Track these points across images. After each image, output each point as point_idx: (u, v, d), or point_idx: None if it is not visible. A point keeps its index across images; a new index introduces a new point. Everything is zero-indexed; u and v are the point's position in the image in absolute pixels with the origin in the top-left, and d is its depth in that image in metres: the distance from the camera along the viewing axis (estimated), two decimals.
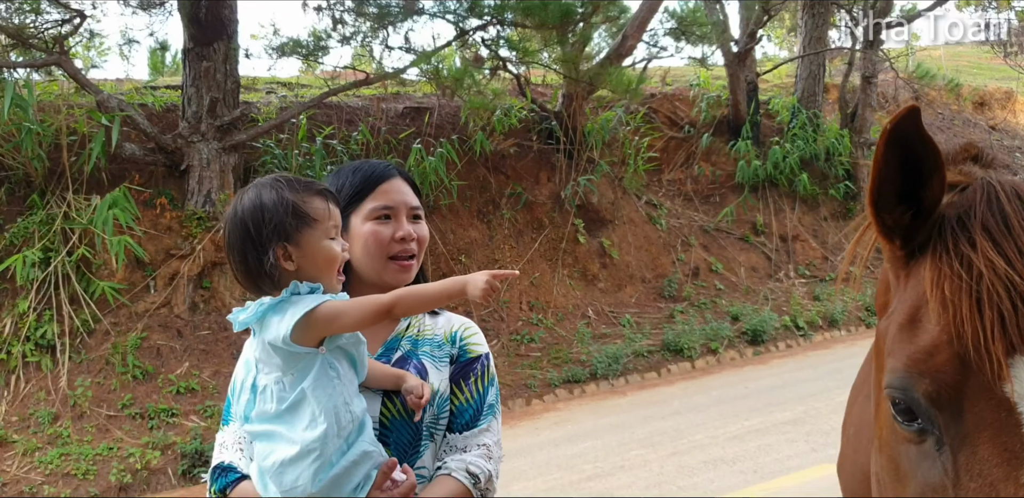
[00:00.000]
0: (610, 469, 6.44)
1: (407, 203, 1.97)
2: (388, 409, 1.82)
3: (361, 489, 1.65)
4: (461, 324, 2.01)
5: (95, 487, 6.84)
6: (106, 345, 8.09)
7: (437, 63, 10.26)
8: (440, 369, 1.91)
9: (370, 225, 1.91)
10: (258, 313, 1.67)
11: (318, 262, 1.71)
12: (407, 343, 1.94)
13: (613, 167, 11.83)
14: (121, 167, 8.89)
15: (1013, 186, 1.32)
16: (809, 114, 13.53)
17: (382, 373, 1.83)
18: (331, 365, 1.67)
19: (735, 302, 11.33)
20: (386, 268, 1.92)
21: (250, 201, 1.72)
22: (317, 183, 1.77)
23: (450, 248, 10.34)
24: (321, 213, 1.71)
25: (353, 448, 1.65)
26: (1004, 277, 1.20)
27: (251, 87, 11.56)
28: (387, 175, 1.97)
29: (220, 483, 1.76)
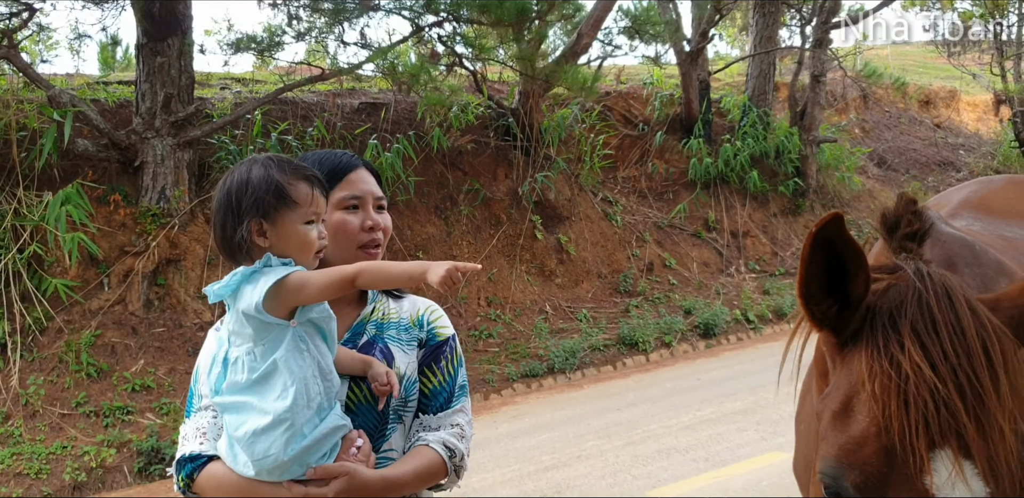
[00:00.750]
0: (566, 460, 6.56)
1: (373, 193, 2.01)
2: (354, 393, 1.86)
3: (328, 457, 1.72)
4: (427, 307, 2.05)
5: (48, 486, 6.78)
6: (59, 343, 8.00)
7: (393, 59, 10.27)
8: (407, 352, 1.95)
9: (339, 214, 1.95)
10: (232, 283, 1.73)
11: (291, 243, 1.76)
12: (372, 327, 1.98)
13: (569, 164, 11.96)
14: (73, 163, 8.78)
15: (944, 283, 1.43)
16: (760, 112, 13.78)
17: (349, 358, 1.88)
18: (302, 338, 1.73)
19: (688, 296, 11.53)
20: (355, 257, 1.94)
21: (239, 174, 1.79)
22: (308, 169, 1.82)
23: (407, 244, 10.38)
24: (303, 197, 1.76)
25: (325, 422, 1.71)
26: (929, 382, 1.30)
27: (205, 83, 11.47)
28: (354, 165, 2.01)
29: (187, 470, 1.79)
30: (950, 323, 1.36)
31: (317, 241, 1.79)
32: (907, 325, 1.37)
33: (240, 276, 1.74)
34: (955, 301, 1.39)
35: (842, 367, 1.47)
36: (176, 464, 1.83)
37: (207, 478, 1.77)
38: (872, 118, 17.81)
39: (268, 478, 1.70)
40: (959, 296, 1.40)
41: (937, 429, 1.29)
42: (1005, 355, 1.34)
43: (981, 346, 1.33)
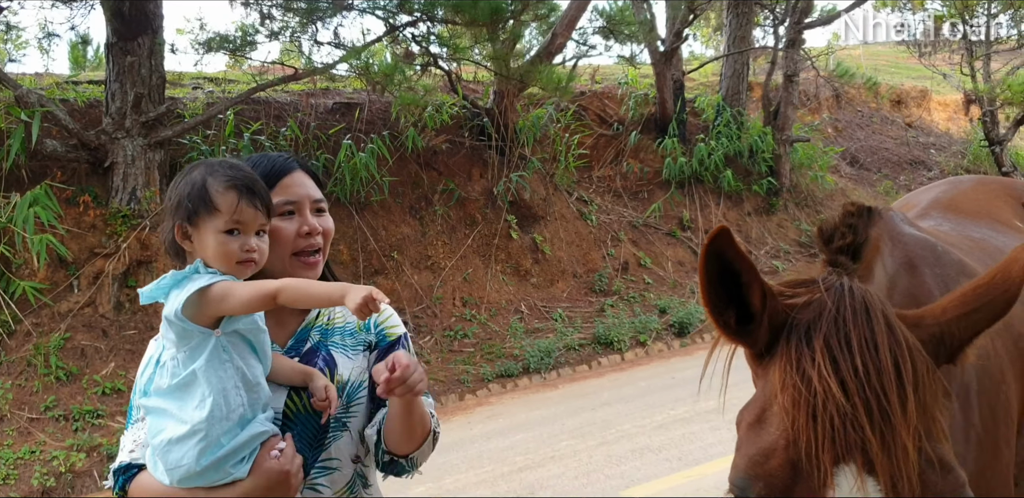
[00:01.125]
0: (540, 460, 6.56)
1: (310, 196, 1.94)
2: (294, 402, 1.83)
3: (246, 461, 1.69)
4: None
5: (16, 491, 6.69)
6: (27, 346, 7.90)
7: (367, 59, 10.23)
8: (352, 357, 1.92)
9: (273, 221, 1.87)
10: (163, 286, 1.72)
11: (207, 251, 1.74)
12: (316, 333, 1.94)
13: (544, 164, 11.96)
14: (42, 164, 8.68)
15: (863, 299, 1.44)
16: (733, 112, 13.85)
17: (290, 369, 1.86)
18: (225, 348, 1.70)
19: (663, 295, 11.57)
20: (291, 265, 1.90)
21: (182, 176, 1.79)
22: (246, 179, 1.77)
23: (382, 244, 10.35)
24: (225, 205, 1.73)
25: (245, 431, 1.70)
26: (837, 398, 1.32)
27: (177, 83, 11.36)
28: (288, 169, 1.94)
29: (120, 481, 1.78)
30: (864, 339, 1.37)
31: (239, 252, 1.74)
32: (820, 340, 1.39)
33: (170, 279, 1.72)
34: (872, 317, 1.40)
35: (760, 379, 1.49)
36: (112, 475, 1.82)
37: (136, 488, 1.75)
38: (844, 118, 17.96)
39: (183, 486, 1.69)
40: (877, 312, 1.41)
41: (843, 444, 1.30)
42: (917, 373, 1.35)
43: (892, 363, 1.34)
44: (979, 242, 2.57)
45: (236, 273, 1.75)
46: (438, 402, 8.72)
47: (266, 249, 1.80)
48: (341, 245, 10.04)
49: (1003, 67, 17.66)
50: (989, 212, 2.93)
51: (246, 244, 1.75)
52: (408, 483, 6.32)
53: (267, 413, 1.76)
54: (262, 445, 1.73)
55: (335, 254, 9.94)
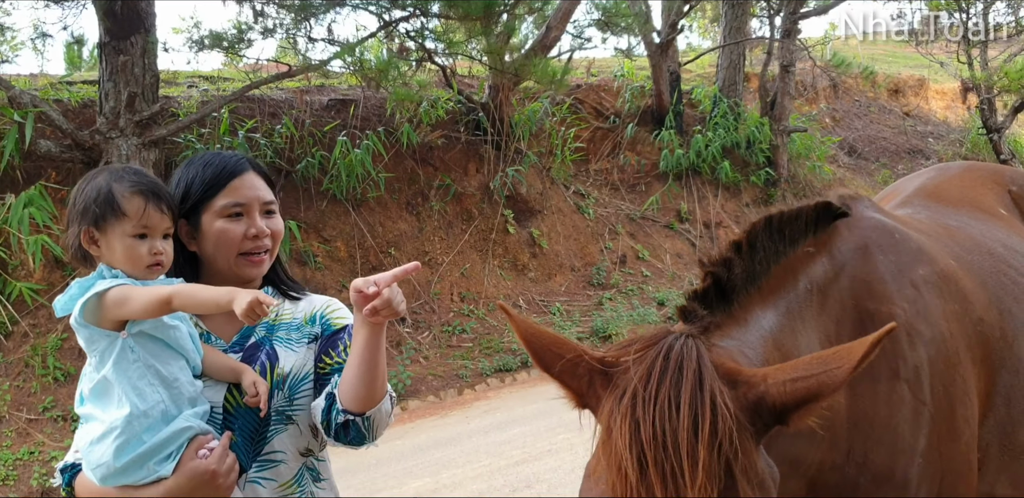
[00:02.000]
0: (537, 453, 6.56)
1: (260, 198, 1.95)
2: (232, 397, 1.85)
3: (171, 459, 1.71)
4: (324, 304, 2.03)
5: (15, 492, 6.71)
6: (25, 347, 7.91)
7: (361, 55, 10.21)
8: (295, 350, 1.93)
9: (221, 223, 1.91)
10: (74, 295, 1.74)
11: (117, 255, 1.77)
12: (262, 329, 1.96)
13: (541, 158, 11.95)
14: (36, 165, 8.67)
15: (683, 358, 1.49)
16: (730, 103, 13.83)
17: (222, 365, 1.88)
18: (132, 348, 1.73)
19: (661, 288, 11.57)
20: (237, 263, 1.93)
21: (85, 181, 1.82)
22: (151, 184, 1.80)
23: (379, 241, 10.34)
24: (133, 211, 1.76)
25: (168, 427, 1.72)
26: (634, 455, 1.40)
27: (171, 81, 11.35)
28: (238, 170, 1.95)
29: (66, 479, 1.83)
30: (668, 399, 1.43)
31: (148, 256, 1.77)
32: (628, 399, 1.46)
33: (77, 289, 1.75)
34: (682, 376, 1.46)
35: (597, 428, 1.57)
36: (59, 473, 1.86)
37: (78, 486, 1.80)
38: (842, 107, 17.92)
39: (107, 484, 1.71)
40: (688, 371, 1.46)
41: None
42: (716, 431, 1.40)
43: (692, 424, 1.40)
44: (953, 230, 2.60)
45: (145, 276, 1.78)
46: (436, 398, 8.73)
47: (171, 252, 1.83)
48: (338, 242, 10.04)
49: (1000, 55, 17.59)
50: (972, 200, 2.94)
51: (153, 248, 1.78)
52: (405, 476, 6.34)
53: (198, 408, 1.78)
54: (191, 442, 1.74)
55: (333, 251, 9.95)
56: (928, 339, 2.07)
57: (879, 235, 2.17)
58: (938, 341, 2.08)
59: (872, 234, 2.15)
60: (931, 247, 2.29)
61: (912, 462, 1.99)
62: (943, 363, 2.07)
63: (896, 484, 1.96)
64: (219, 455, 1.74)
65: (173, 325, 1.78)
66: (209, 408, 1.83)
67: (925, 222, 2.60)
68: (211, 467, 1.71)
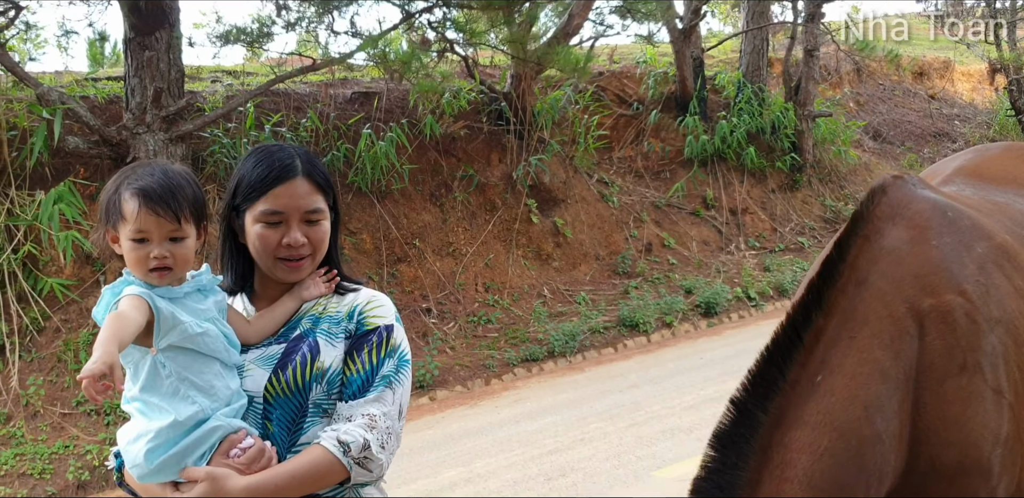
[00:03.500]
0: (570, 442, 6.56)
1: (300, 208, 1.91)
2: (273, 386, 1.84)
3: (204, 459, 1.71)
4: (367, 299, 1.99)
5: (52, 486, 6.79)
6: (57, 342, 7.99)
7: (384, 47, 10.19)
8: (335, 345, 1.90)
9: (258, 228, 1.90)
10: (104, 306, 1.74)
11: (124, 256, 1.77)
12: (308, 321, 1.95)
13: (564, 146, 11.89)
14: (65, 161, 8.74)
15: None
16: (754, 88, 13.71)
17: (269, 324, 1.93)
18: (163, 364, 1.72)
19: (688, 276, 11.51)
20: (275, 267, 1.94)
21: (113, 177, 1.82)
22: (153, 186, 1.75)
23: (403, 232, 10.35)
24: (127, 214, 1.74)
25: (201, 427, 1.72)
26: None
27: (196, 76, 11.40)
28: (284, 177, 1.91)
29: (118, 463, 1.86)
30: None
31: (148, 260, 1.74)
32: None
33: (109, 296, 1.75)
34: None
35: None
36: (114, 456, 1.89)
37: (127, 474, 1.83)
38: (866, 91, 17.71)
39: (146, 483, 1.74)
40: None
41: None
42: None
43: None
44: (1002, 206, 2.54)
45: (151, 280, 1.76)
46: (464, 388, 8.74)
47: (184, 255, 1.80)
48: (364, 234, 10.07)
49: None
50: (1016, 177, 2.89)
51: (153, 252, 1.75)
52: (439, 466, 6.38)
53: (233, 405, 1.78)
54: (223, 441, 1.74)
55: (359, 243, 9.97)
56: (997, 320, 2.00)
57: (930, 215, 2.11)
58: (1007, 321, 2.02)
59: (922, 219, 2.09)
60: (985, 222, 2.24)
61: (993, 452, 1.94)
62: (1015, 344, 2.01)
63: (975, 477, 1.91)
64: (254, 455, 1.74)
65: (201, 331, 1.76)
66: (246, 402, 1.83)
67: (972, 198, 2.54)
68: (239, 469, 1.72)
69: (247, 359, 1.89)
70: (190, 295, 1.81)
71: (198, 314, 1.78)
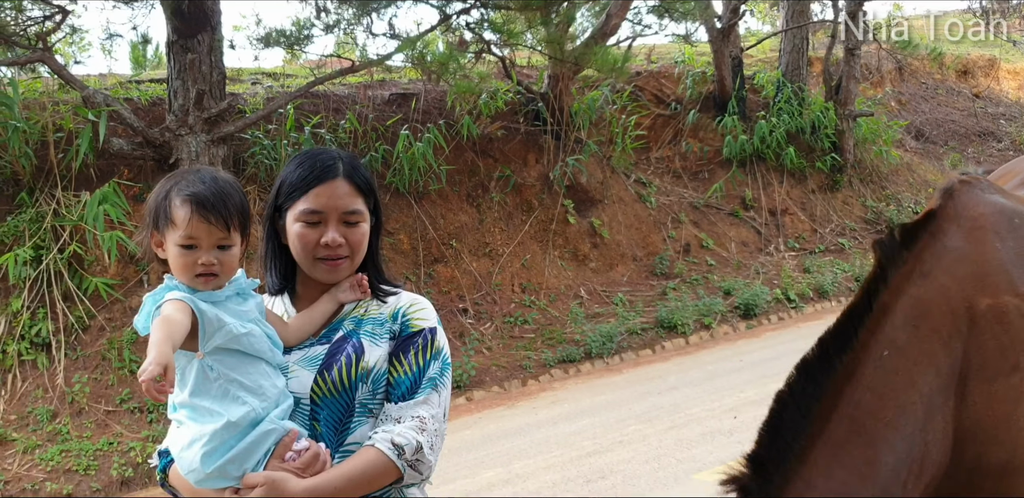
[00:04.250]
0: (609, 445, 6.53)
1: (339, 208, 1.93)
2: (319, 386, 1.85)
3: (260, 464, 1.72)
4: (409, 301, 2.01)
5: (97, 482, 6.90)
6: (101, 341, 8.12)
7: (422, 48, 10.23)
8: (379, 345, 1.92)
9: (298, 227, 1.92)
10: (147, 314, 1.75)
11: (170, 261, 1.78)
12: (350, 323, 1.96)
13: (601, 146, 11.85)
14: (109, 162, 8.87)
15: None
16: (794, 88, 13.56)
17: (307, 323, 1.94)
18: (210, 367, 1.73)
19: (727, 277, 11.41)
20: (315, 267, 1.95)
21: (160, 182, 1.84)
22: (206, 194, 1.76)
23: (440, 233, 10.37)
24: (178, 220, 1.75)
25: (255, 429, 1.72)
26: None
27: (236, 78, 11.52)
28: (325, 177, 1.93)
29: (162, 464, 1.87)
30: None
31: (194, 266, 1.75)
32: None
33: (150, 304, 1.75)
34: None
35: None
36: (157, 455, 1.91)
37: (174, 474, 1.84)
38: (908, 90, 17.44)
39: (204, 487, 1.73)
40: None
41: None
42: None
43: None
44: None
45: (196, 285, 1.77)
46: (501, 388, 8.74)
47: (230, 262, 1.81)
48: (401, 234, 10.10)
49: None
50: None
51: (201, 258, 1.76)
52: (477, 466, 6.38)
53: (283, 406, 1.79)
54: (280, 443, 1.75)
55: (396, 243, 10.01)
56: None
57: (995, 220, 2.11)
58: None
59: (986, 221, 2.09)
60: None
61: None
62: None
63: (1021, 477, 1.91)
64: (310, 457, 1.75)
65: (246, 331, 1.77)
66: (293, 402, 1.83)
67: None
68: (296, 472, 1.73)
69: (290, 360, 1.90)
70: (231, 298, 1.82)
71: (240, 316, 1.79)
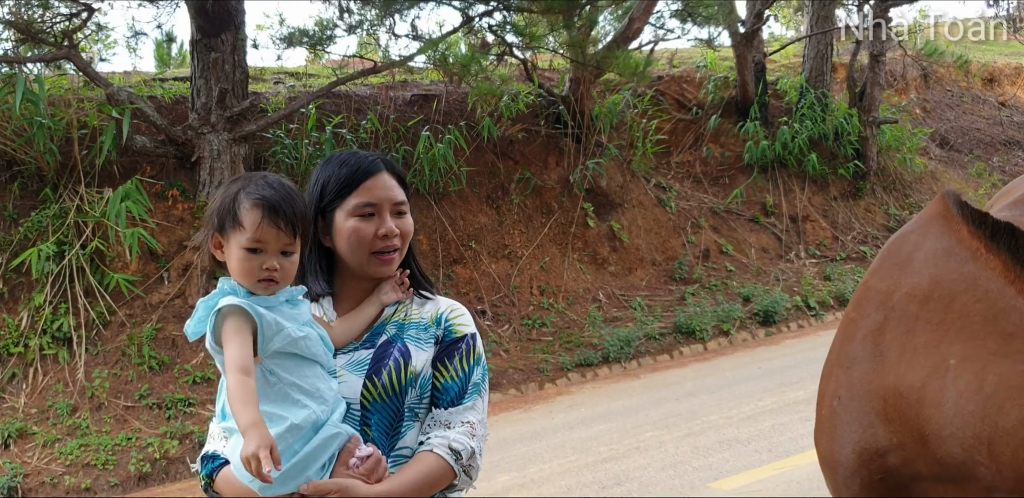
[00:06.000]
0: (625, 451, 6.50)
1: (391, 199, 1.99)
2: (369, 391, 1.88)
3: (326, 469, 1.72)
4: (448, 306, 2.05)
5: (115, 477, 6.94)
6: (122, 337, 8.17)
7: (444, 50, 10.25)
8: (425, 349, 1.96)
9: (353, 221, 1.95)
10: (199, 319, 1.76)
11: (232, 265, 1.78)
12: (392, 328, 1.99)
13: (621, 150, 11.82)
14: (132, 160, 8.93)
15: None
16: (817, 94, 13.47)
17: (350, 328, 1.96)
18: (271, 372, 1.74)
19: (746, 283, 11.34)
20: (369, 262, 1.98)
21: (226, 185, 1.85)
22: (275, 199, 1.77)
23: (460, 234, 10.38)
24: (249, 223, 1.75)
25: (319, 433, 1.73)
26: None
27: (259, 78, 11.58)
28: (372, 170, 1.99)
29: (207, 469, 1.86)
30: None
31: (258, 271, 1.76)
32: None
33: (203, 310, 1.76)
34: None
35: None
36: (200, 460, 1.90)
37: (222, 480, 1.83)
38: (933, 98, 17.28)
39: (267, 494, 1.71)
40: None
41: None
42: None
43: None
44: None
45: (257, 290, 1.78)
46: (518, 391, 8.72)
47: (291, 269, 1.83)
48: (421, 235, 10.11)
49: None
50: None
51: (266, 263, 1.77)
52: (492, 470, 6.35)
53: (340, 409, 1.81)
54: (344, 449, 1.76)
55: (415, 244, 10.00)
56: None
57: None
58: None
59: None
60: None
61: None
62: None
63: None
64: (373, 464, 1.76)
65: (303, 335, 1.78)
66: (347, 407, 1.85)
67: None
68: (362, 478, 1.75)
69: (338, 364, 1.91)
70: (283, 304, 1.82)
71: (295, 320, 1.80)
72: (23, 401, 7.58)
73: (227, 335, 1.70)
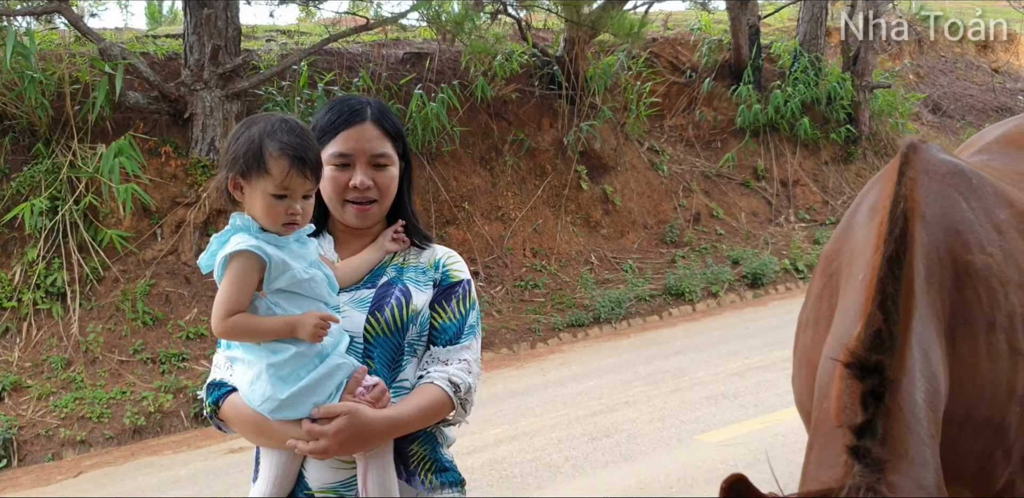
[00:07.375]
0: (614, 405, 6.61)
1: (367, 151, 1.99)
2: (372, 326, 1.94)
3: (334, 397, 1.80)
4: (445, 253, 2.12)
5: (110, 429, 7.02)
6: (115, 292, 8.20)
7: (437, 7, 10.17)
8: (423, 291, 2.03)
9: (328, 170, 1.97)
10: (212, 253, 1.83)
11: (255, 208, 1.83)
12: (392, 270, 2.06)
13: (615, 113, 11.80)
14: (125, 116, 8.89)
15: None
16: (811, 58, 13.44)
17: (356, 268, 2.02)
18: (276, 304, 1.82)
19: (736, 247, 11.43)
20: (344, 211, 2.02)
21: (244, 127, 1.86)
22: (300, 147, 1.81)
23: (453, 195, 10.39)
24: (276, 170, 1.79)
25: (325, 362, 1.80)
26: None
27: (251, 35, 11.48)
28: (353, 121, 2.00)
29: (213, 396, 1.93)
30: None
31: (283, 215, 1.82)
32: None
33: (216, 245, 1.83)
34: None
35: None
36: (206, 388, 1.97)
37: (229, 407, 1.90)
38: (927, 63, 17.27)
39: (277, 417, 1.80)
40: None
41: None
42: None
43: None
44: None
45: (281, 232, 1.84)
46: (510, 350, 8.82)
47: (310, 210, 1.89)
48: (414, 196, 10.11)
49: None
50: None
51: (291, 208, 1.82)
52: (484, 424, 6.45)
53: (343, 342, 1.88)
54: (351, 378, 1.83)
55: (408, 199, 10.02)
56: (1017, 284, 2.07)
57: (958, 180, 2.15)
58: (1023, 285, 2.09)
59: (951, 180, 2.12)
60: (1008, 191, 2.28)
61: (1010, 410, 2.00)
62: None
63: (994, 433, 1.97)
64: (380, 393, 1.84)
65: (308, 277, 1.84)
66: (349, 340, 1.91)
67: (999, 168, 2.59)
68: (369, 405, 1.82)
69: (341, 300, 1.97)
70: (292, 242, 1.88)
71: (302, 259, 1.86)
72: (17, 355, 7.63)
73: (226, 278, 1.79)
